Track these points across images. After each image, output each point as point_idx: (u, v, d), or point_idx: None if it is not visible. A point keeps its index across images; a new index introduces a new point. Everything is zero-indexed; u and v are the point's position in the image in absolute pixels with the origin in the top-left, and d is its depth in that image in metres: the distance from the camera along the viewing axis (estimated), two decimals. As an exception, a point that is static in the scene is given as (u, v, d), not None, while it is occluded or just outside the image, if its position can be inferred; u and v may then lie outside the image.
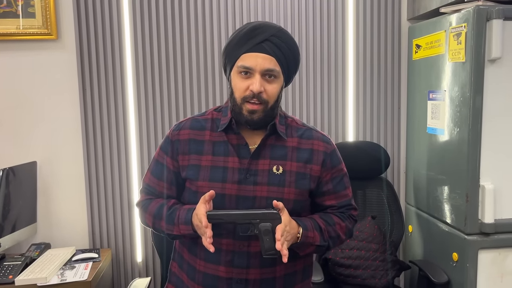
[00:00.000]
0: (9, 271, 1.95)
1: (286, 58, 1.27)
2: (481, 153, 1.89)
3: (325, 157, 1.35)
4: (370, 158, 2.32)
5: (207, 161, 1.30)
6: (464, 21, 1.88)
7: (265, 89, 1.25)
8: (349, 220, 1.40)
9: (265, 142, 1.32)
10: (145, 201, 1.39)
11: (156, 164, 1.39)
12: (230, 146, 1.31)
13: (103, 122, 2.33)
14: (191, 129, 1.35)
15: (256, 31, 1.26)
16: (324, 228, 1.31)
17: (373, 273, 2.10)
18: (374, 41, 2.45)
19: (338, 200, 1.38)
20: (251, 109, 1.25)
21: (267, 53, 1.24)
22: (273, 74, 1.26)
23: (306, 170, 1.32)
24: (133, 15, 2.30)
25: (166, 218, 1.31)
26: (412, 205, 2.44)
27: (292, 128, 1.37)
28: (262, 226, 1.20)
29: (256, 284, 1.29)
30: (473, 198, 1.90)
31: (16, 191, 2.17)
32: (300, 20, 2.39)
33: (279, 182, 1.29)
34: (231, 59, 1.29)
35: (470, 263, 1.91)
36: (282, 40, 1.27)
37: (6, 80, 2.28)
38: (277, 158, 1.31)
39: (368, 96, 2.47)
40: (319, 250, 1.34)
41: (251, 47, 1.24)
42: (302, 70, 2.42)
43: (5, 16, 2.22)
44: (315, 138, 1.37)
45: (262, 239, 1.20)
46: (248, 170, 1.29)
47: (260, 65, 1.24)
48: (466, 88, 1.89)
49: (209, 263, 1.30)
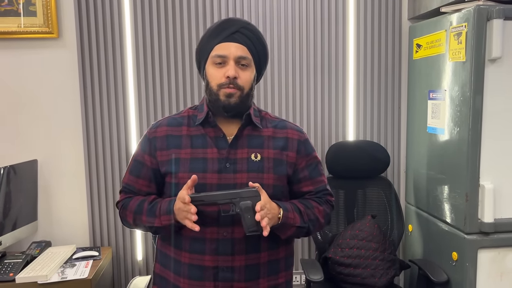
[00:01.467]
0: (10, 269, 1.96)
1: (257, 49, 1.36)
2: (481, 153, 1.90)
3: (299, 144, 1.42)
4: (370, 157, 2.33)
5: (186, 153, 1.35)
6: (465, 20, 1.88)
7: (239, 76, 1.31)
8: (327, 205, 1.45)
9: (242, 132, 1.37)
10: (125, 200, 1.41)
11: (134, 163, 1.42)
12: (208, 138, 1.36)
13: (103, 120, 2.33)
14: (168, 126, 1.40)
15: (228, 23, 1.35)
16: (303, 210, 1.36)
17: (373, 272, 2.11)
18: (375, 40, 2.45)
19: (314, 186, 1.44)
20: (228, 92, 1.31)
21: (238, 42, 1.33)
22: (246, 63, 1.33)
23: (282, 156, 1.38)
24: (134, 13, 2.30)
25: (147, 212, 1.33)
26: (412, 204, 2.44)
27: (266, 120, 1.44)
28: (243, 204, 1.24)
29: (242, 271, 1.32)
30: (473, 198, 1.91)
31: (17, 189, 2.18)
32: (301, 18, 2.39)
33: (258, 168, 1.34)
34: (205, 52, 1.35)
35: (470, 262, 1.92)
36: (252, 32, 1.36)
37: (7, 79, 2.28)
38: (255, 147, 1.37)
39: (368, 95, 2.48)
40: (300, 232, 1.37)
41: (224, 38, 1.32)
42: (302, 68, 2.42)
43: (6, 14, 2.22)
44: (288, 128, 1.44)
45: (243, 216, 1.24)
46: (227, 159, 1.34)
47: (233, 53, 1.31)
48: (466, 88, 1.89)
49: (194, 254, 1.33)
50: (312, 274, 2.00)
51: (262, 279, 1.35)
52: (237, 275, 1.32)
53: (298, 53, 2.41)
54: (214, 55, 1.32)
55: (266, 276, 1.36)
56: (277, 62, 2.41)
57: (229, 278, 1.31)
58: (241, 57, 1.31)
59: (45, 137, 2.32)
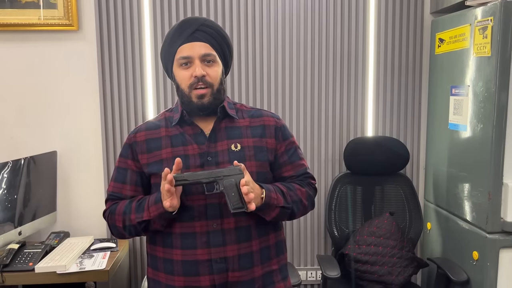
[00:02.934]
0: (29, 259, 1.98)
1: (219, 44, 1.36)
2: (505, 151, 1.85)
3: (277, 130, 1.43)
4: (389, 153, 2.30)
5: (167, 153, 1.36)
6: (491, 14, 1.83)
7: (207, 73, 1.32)
8: (309, 187, 1.45)
9: (219, 125, 1.39)
10: (112, 206, 1.39)
11: (118, 171, 1.42)
12: (187, 135, 1.37)
13: (122, 113, 2.34)
14: (146, 130, 1.41)
15: (185, 24, 1.36)
16: (286, 191, 1.36)
17: (390, 269, 2.08)
18: (396, 34, 2.41)
19: (295, 170, 1.44)
20: (200, 93, 1.32)
21: (200, 41, 1.33)
22: (211, 59, 1.34)
23: (262, 143, 1.39)
24: (153, 6, 2.30)
25: (135, 209, 1.32)
26: (431, 202, 2.40)
27: (242, 111, 1.45)
28: (227, 181, 1.25)
29: (235, 260, 1.32)
30: (496, 196, 1.87)
31: (36, 180, 2.21)
32: (321, 13, 2.36)
33: (239, 158, 1.34)
34: (169, 57, 1.37)
35: (491, 262, 1.88)
36: (211, 28, 1.36)
37: (28, 71, 2.30)
38: (233, 138, 1.38)
39: (388, 90, 2.44)
40: (284, 214, 1.36)
41: (185, 39, 1.33)
42: (322, 63, 2.39)
43: (27, 6, 2.24)
44: (264, 115, 1.45)
45: (227, 194, 1.24)
46: (208, 153, 1.35)
47: (197, 52, 1.32)
48: (491, 84, 1.85)
49: (186, 250, 1.32)
50: (329, 270, 1.98)
51: (256, 267, 1.35)
52: (231, 265, 1.31)
53: (317, 47, 2.38)
54: (178, 57, 1.33)
55: (260, 264, 1.36)
56: (296, 56, 2.38)
57: (224, 269, 1.31)
58: (205, 54, 1.33)
59: (64, 129, 2.34)
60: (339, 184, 2.33)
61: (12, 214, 2.08)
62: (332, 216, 2.30)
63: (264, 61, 2.38)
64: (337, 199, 2.31)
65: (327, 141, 2.45)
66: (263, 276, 1.37)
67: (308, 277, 2.50)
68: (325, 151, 2.46)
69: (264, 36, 2.36)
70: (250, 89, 2.39)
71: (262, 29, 2.36)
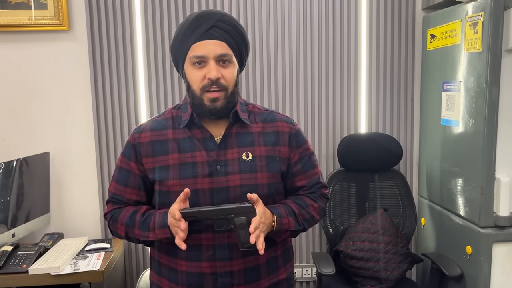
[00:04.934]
0: (23, 261, 1.97)
1: (236, 42, 1.26)
2: (497, 145, 1.86)
3: (291, 137, 1.34)
4: (383, 150, 2.30)
5: (174, 159, 1.27)
6: (481, 10, 1.83)
7: (222, 75, 1.22)
8: (321, 200, 1.40)
9: (230, 131, 1.30)
10: (114, 211, 1.33)
11: (120, 171, 1.33)
12: (196, 140, 1.28)
13: (114, 113, 2.33)
14: (151, 131, 1.31)
15: (201, 20, 1.24)
16: (298, 212, 1.31)
17: (385, 265, 2.09)
18: (388, 31, 2.41)
19: (308, 180, 1.38)
20: (213, 97, 1.23)
21: (216, 39, 1.22)
22: (227, 59, 1.24)
23: (275, 152, 1.31)
24: (144, 6, 2.29)
25: (140, 225, 1.27)
26: (425, 197, 2.41)
27: (254, 114, 1.35)
28: (237, 220, 1.18)
29: (241, 274, 1.28)
30: (488, 191, 1.87)
31: (29, 181, 2.19)
32: (312, 10, 2.36)
33: (250, 168, 1.27)
34: (181, 53, 1.26)
35: (484, 257, 1.89)
36: (228, 24, 1.25)
37: (19, 71, 2.29)
38: (245, 145, 1.29)
39: (381, 87, 2.44)
40: (295, 234, 1.34)
41: (199, 36, 1.22)
42: (314, 60, 2.39)
43: (17, 7, 2.23)
44: (278, 120, 1.36)
45: (237, 233, 1.19)
46: (217, 161, 1.26)
47: (212, 51, 1.21)
48: (482, 79, 1.85)
49: (190, 262, 1.27)
50: (324, 267, 1.98)
51: (263, 279, 1.31)
52: (237, 279, 1.27)
53: (309, 45, 2.38)
54: (191, 56, 1.22)
55: (266, 276, 1.32)
56: (288, 54, 2.38)
57: (228, 283, 1.27)
58: (221, 54, 1.22)
59: (57, 130, 2.33)
60: (333, 181, 2.33)
61: (5, 216, 2.07)
62: (326, 213, 2.30)
63: (256, 59, 2.38)
64: (331, 196, 2.32)
65: (321, 138, 2.46)
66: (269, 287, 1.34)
67: (304, 274, 2.50)
68: (319, 148, 2.46)
69: (256, 34, 2.36)
70: (243, 88, 2.38)
71: (254, 28, 2.35)
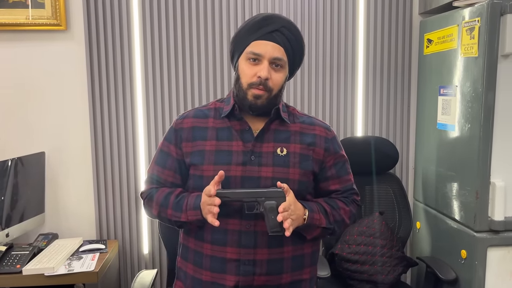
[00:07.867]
0: (17, 261, 1.96)
1: (294, 51, 1.32)
2: (492, 150, 1.87)
3: (327, 142, 1.39)
4: (379, 153, 2.31)
5: (211, 145, 1.33)
6: (478, 15, 1.85)
7: (271, 77, 1.28)
8: (353, 205, 1.43)
9: (269, 126, 1.35)
10: (150, 190, 1.39)
11: (160, 153, 1.41)
12: (234, 131, 1.34)
13: (111, 113, 2.32)
14: (194, 118, 1.39)
15: (268, 20, 1.30)
16: (329, 211, 1.35)
17: (380, 269, 2.09)
18: (385, 35, 2.42)
19: (342, 185, 1.42)
20: (257, 93, 1.29)
21: (276, 42, 1.29)
22: (280, 64, 1.30)
23: (309, 152, 1.36)
24: (142, 6, 2.28)
25: (173, 206, 1.32)
26: (420, 201, 2.42)
27: (294, 115, 1.41)
28: (267, 203, 1.23)
29: (264, 264, 1.30)
30: (483, 195, 1.88)
31: (24, 181, 2.18)
32: (310, 13, 2.37)
33: (283, 163, 1.32)
34: (240, 45, 1.32)
35: (479, 261, 1.90)
36: (292, 32, 1.31)
37: (15, 71, 2.28)
38: (281, 141, 1.34)
39: (377, 91, 2.45)
40: (325, 233, 1.36)
41: (262, 35, 1.28)
42: (311, 63, 2.40)
43: (14, 6, 2.22)
44: (316, 125, 1.41)
45: (267, 216, 1.23)
46: (252, 152, 1.32)
47: (269, 52, 1.28)
48: (478, 84, 1.86)
49: (216, 246, 1.31)
50: (319, 270, 1.98)
51: (285, 274, 1.33)
52: (259, 269, 1.30)
53: (307, 48, 2.38)
54: (249, 51, 1.29)
55: (290, 271, 1.34)
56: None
57: (251, 271, 1.29)
58: (276, 58, 1.28)
59: (52, 129, 2.32)
60: (329, 184, 2.33)
61: (-1, 215, 2.06)
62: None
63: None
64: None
65: (317, 141, 2.46)
66: (290, 284, 1.35)
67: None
68: (315, 151, 2.46)
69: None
70: (240, 90, 2.38)
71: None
